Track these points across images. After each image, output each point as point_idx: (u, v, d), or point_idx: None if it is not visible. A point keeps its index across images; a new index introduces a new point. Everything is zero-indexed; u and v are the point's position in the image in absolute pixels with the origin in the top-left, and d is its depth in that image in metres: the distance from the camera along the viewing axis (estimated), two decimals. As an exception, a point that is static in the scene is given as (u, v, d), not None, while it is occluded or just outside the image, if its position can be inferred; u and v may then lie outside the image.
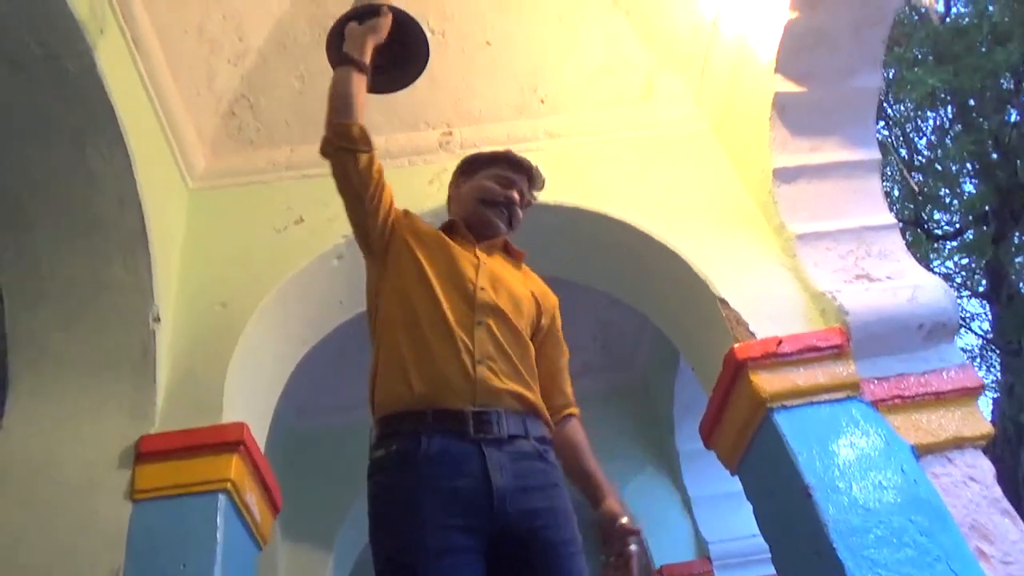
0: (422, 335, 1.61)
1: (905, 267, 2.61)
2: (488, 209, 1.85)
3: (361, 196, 1.74)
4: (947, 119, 8.35)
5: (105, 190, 2.35)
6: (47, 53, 2.10)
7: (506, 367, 1.61)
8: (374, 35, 1.89)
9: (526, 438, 1.56)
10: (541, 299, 1.85)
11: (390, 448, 1.53)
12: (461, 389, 1.54)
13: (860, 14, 2.55)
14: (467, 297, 1.67)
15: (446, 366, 1.56)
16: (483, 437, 1.51)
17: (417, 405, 1.54)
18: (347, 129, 1.75)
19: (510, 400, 1.58)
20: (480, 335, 1.61)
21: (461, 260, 1.73)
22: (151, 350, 2.41)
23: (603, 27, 3.08)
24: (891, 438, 2.28)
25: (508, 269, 1.83)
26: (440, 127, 3.14)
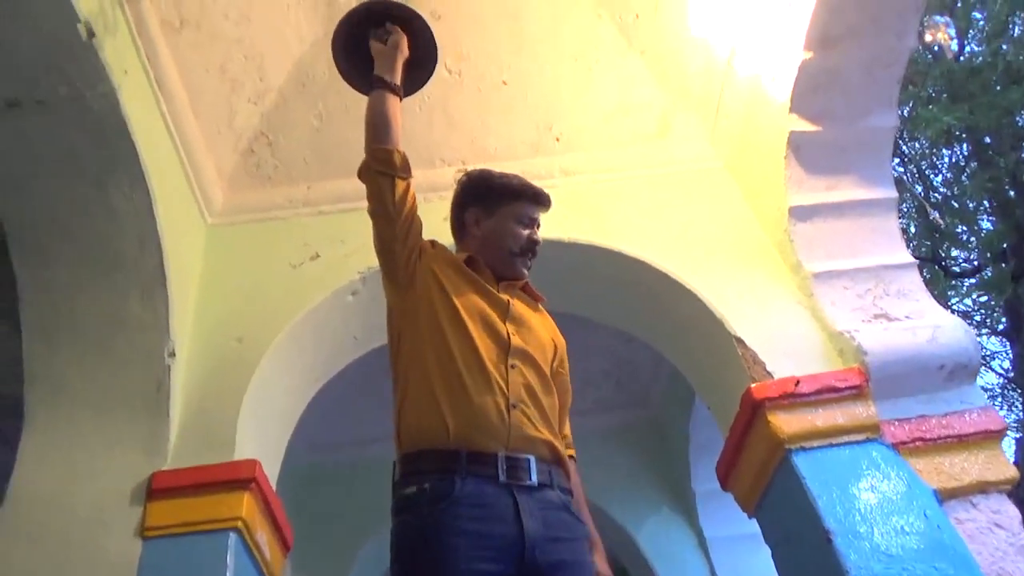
0: (457, 373, 1.59)
1: (924, 307, 2.58)
2: (517, 259, 1.84)
3: (393, 222, 1.74)
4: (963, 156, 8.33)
5: (125, 227, 2.37)
6: (73, 93, 2.15)
7: (537, 413, 1.61)
8: (401, 54, 1.91)
9: (552, 488, 1.55)
10: (556, 342, 1.85)
11: (421, 486, 1.50)
12: (496, 432, 1.53)
13: (874, 55, 2.56)
14: (499, 339, 1.66)
15: (482, 407, 1.54)
16: (514, 483, 1.49)
17: (451, 444, 1.52)
18: (388, 155, 1.75)
19: (542, 448, 1.57)
20: (513, 378, 1.61)
21: (490, 301, 1.73)
22: (165, 386, 2.41)
23: (618, 67, 3.11)
24: (913, 482, 2.23)
25: (529, 312, 1.82)
26: (456, 164, 3.17)
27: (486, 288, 1.76)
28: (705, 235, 2.90)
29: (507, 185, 1.91)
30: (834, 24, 2.48)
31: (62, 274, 2.41)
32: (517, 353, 1.66)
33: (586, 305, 3.12)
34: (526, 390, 1.62)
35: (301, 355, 2.81)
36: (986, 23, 7.28)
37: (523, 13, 3.00)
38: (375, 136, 1.79)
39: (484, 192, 1.91)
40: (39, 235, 2.37)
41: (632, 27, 3.04)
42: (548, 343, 1.78)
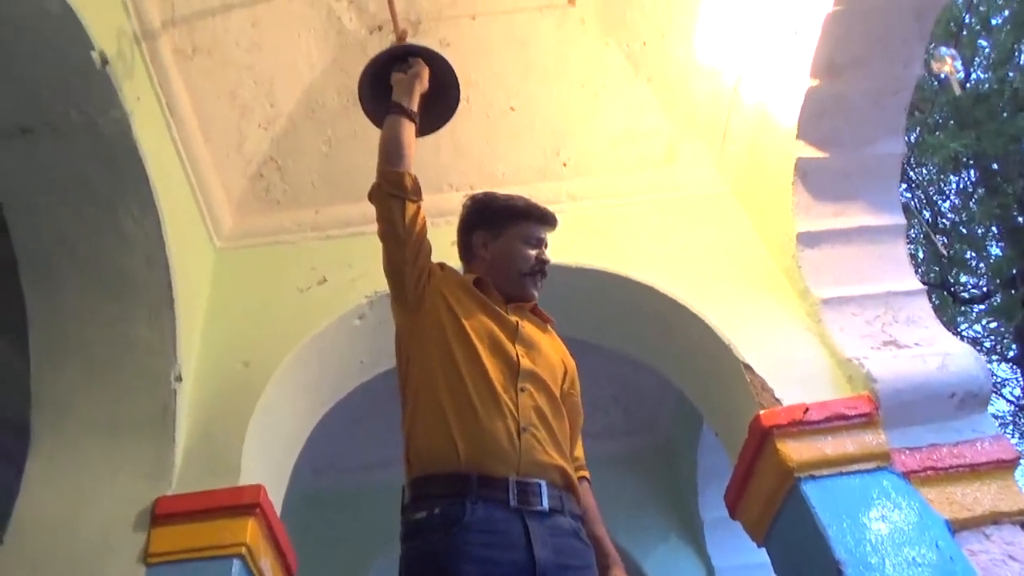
0: (467, 396, 1.58)
1: (934, 334, 2.56)
2: (527, 279, 1.84)
3: (403, 244, 1.74)
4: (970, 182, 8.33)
5: (134, 251, 2.39)
6: (85, 119, 2.18)
7: (548, 436, 1.59)
8: (420, 84, 1.94)
9: (563, 514, 1.53)
10: (566, 364, 1.84)
11: (432, 511, 1.49)
12: (506, 456, 1.52)
13: (880, 83, 2.57)
14: (509, 362, 1.65)
15: (493, 429, 1.53)
16: (525, 508, 1.48)
17: (462, 468, 1.50)
18: (400, 177, 1.76)
19: (553, 473, 1.56)
20: (524, 401, 1.60)
21: (499, 322, 1.72)
22: (171, 410, 2.41)
23: (625, 94, 3.13)
24: (925, 512, 2.20)
25: (539, 333, 1.81)
26: (464, 189, 3.18)
27: (495, 310, 1.75)
28: (713, 261, 2.90)
29: (513, 206, 1.92)
30: (840, 52, 2.49)
31: (71, 297, 2.42)
32: (527, 376, 1.65)
33: (593, 330, 3.11)
34: (536, 413, 1.61)
35: (307, 379, 2.80)
36: (992, 51, 7.32)
37: (531, 40, 3.04)
38: (387, 159, 1.80)
39: (490, 214, 1.92)
40: (49, 258, 2.39)
41: (639, 54, 3.07)
42: (558, 365, 1.78)
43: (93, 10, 2.06)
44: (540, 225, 1.90)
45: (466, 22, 2.98)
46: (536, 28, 3.01)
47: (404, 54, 2.05)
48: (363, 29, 2.95)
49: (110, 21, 2.23)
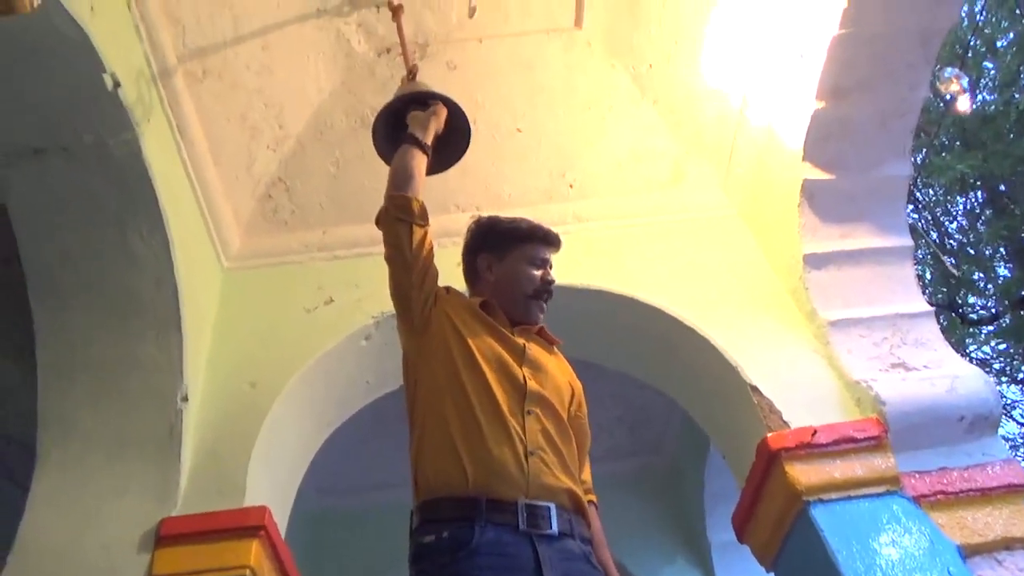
0: (474, 419, 1.58)
1: (942, 356, 2.55)
2: (532, 301, 1.85)
3: (410, 268, 1.75)
4: (978, 203, 8.32)
5: (143, 270, 2.40)
6: (97, 141, 2.20)
7: (556, 459, 1.59)
8: (436, 122, 1.99)
9: (572, 537, 1.52)
10: (573, 385, 1.84)
11: (440, 534, 1.48)
12: (515, 479, 1.51)
13: (887, 105, 2.58)
14: (516, 384, 1.65)
15: (500, 454, 1.53)
16: (535, 532, 1.47)
17: (470, 491, 1.50)
18: (407, 202, 1.78)
19: (562, 497, 1.55)
20: (531, 424, 1.60)
21: (506, 345, 1.72)
22: (177, 430, 2.40)
23: (631, 116, 3.15)
24: (936, 537, 2.17)
25: (546, 355, 1.81)
26: (470, 210, 3.19)
27: (501, 332, 1.76)
28: (719, 282, 2.89)
29: (516, 228, 1.93)
30: (846, 75, 2.50)
31: (79, 316, 2.43)
32: (534, 399, 1.65)
33: (599, 351, 3.10)
34: (544, 436, 1.60)
35: (313, 400, 2.80)
36: (997, 73, 7.34)
37: (537, 63, 3.06)
38: (395, 184, 1.82)
39: (494, 237, 1.93)
40: (57, 277, 2.40)
41: (645, 76, 3.09)
42: (565, 387, 1.77)
43: (106, 33, 2.08)
44: (544, 246, 1.91)
45: (473, 45, 3.01)
46: (543, 51, 3.04)
47: (423, 98, 2.12)
48: (371, 52, 2.98)
49: (123, 44, 2.26)
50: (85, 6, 1.97)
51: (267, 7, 2.74)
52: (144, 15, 2.40)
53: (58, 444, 2.40)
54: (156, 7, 2.46)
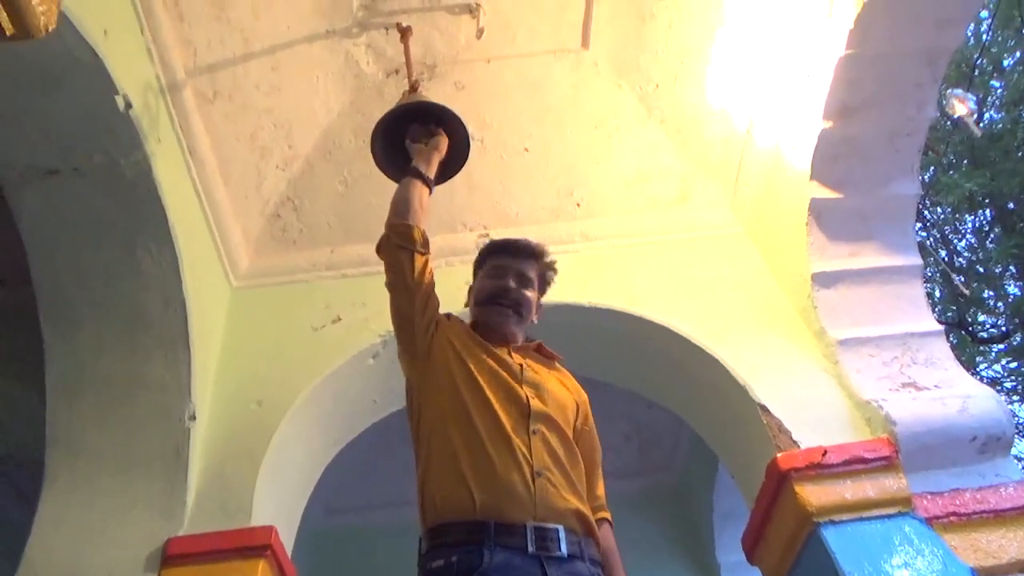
0: (480, 442, 1.58)
1: (953, 375, 2.53)
2: (484, 308, 1.87)
3: (413, 295, 1.76)
4: (986, 221, 8.29)
5: (152, 289, 2.41)
6: (108, 161, 2.22)
7: (563, 479, 1.58)
8: (439, 154, 2.01)
9: (582, 559, 1.51)
10: (578, 400, 1.83)
11: (449, 559, 1.47)
12: (523, 502, 1.50)
13: (894, 124, 2.58)
14: (519, 404, 1.65)
15: (507, 476, 1.52)
16: (544, 554, 1.45)
17: (478, 515, 1.49)
18: (408, 230, 1.80)
19: (571, 519, 1.54)
20: (536, 444, 1.59)
21: (503, 365, 1.72)
22: (184, 449, 2.41)
23: (638, 135, 3.16)
24: (949, 559, 2.14)
25: (545, 372, 1.81)
26: (478, 229, 3.21)
27: (497, 353, 1.76)
28: (727, 301, 2.89)
29: (487, 247, 1.99)
30: (852, 95, 2.51)
31: (87, 335, 2.44)
32: (539, 417, 1.64)
33: (607, 370, 3.10)
34: (550, 456, 1.59)
35: (320, 418, 2.80)
36: (1004, 91, 7.34)
37: (545, 83, 3.08)
38: (397, 212, 1.85)
39: (478, 260, 2.01)
40: (67, 296, 2.41)
41: (652, 96, 3.10)
42: (569, 403, 1.76)
43: (118, 55, 2.11)
44: (502, 255, 1.93)
45: (481, 65, 3.03)
46: (550, 71, 3.06)
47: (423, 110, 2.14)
48: (380, 73, 3.01)
49: (134, 66, 2.29)
50: (98, 29, 2.00)
51: (277, 28, 2.77)
52: (156, 37, 2.43)
53: (66, 463, 2.40)
54: (167, 29, 2.49)
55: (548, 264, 1.99)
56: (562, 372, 1.89)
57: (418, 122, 2.12)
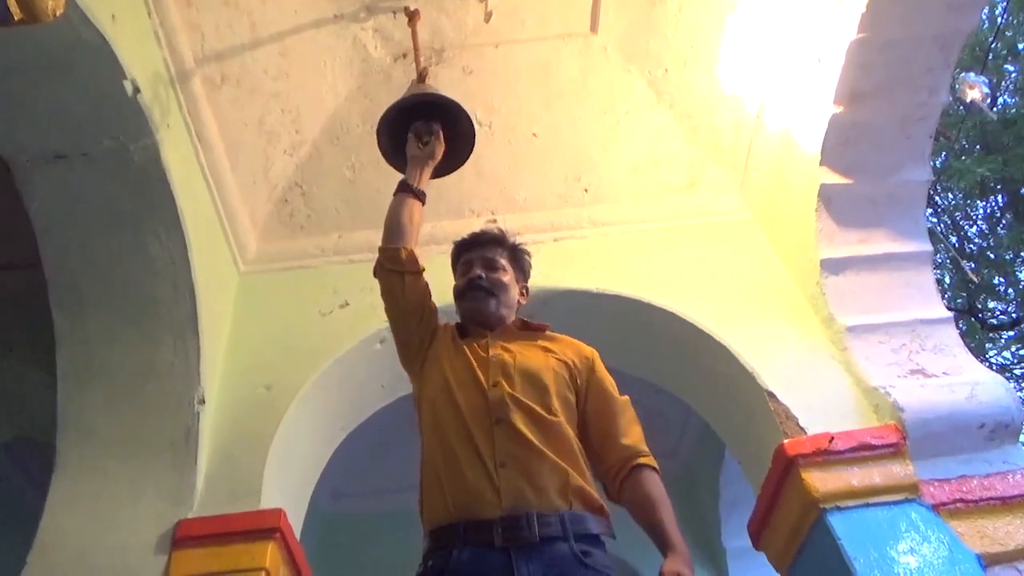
0: (449, 445, 1.61)
1: (962, 363, 2.52)
2: (462, 302, 1.92)
3: (407, 315, 1.84)
4: (998, 208, 8.22)
5: (160, 275, 2.42)
6: (116, 146, 2.23)
7: (534, 461, 1.55)
8: (433, 161, 2.05)
9: (564, 539, 1.47)
10: (574, 359, 1.81)
11: (427, 564, 1.52)
12: (487, 498, 1.50)
13: (905, 110, 2.56)
14: (483, 396, 1.66)
15: (472, 475, 1.54)
16: (513, 544, 1.44)
17: (452, 518, 1.52)
18: (396, 253, 1.86)
19: (544, 497, 1.50)
20: (499, 434, 1.58)
21: (473, 359, 1.74)
22: (194, 433, 2.42)
23: (647, 120, 3.14)
24: (955, 546, 2.14)
25: (524, 347, 1.80)
26: (485, 215, 3.20)
27: (471, 347, 1.78)
28: (735, 287, 2.88)
29: (453, 251, 2.05)
30: (863, 80, 2.49)
31: (97, 320, 2.46)
32: (500, 405, 1.62)
33: (614, 356, 3.06)
34: (516, 442, 1.56)
35: (328, 403, 2.81)
36: (1018, 76, 7.25)
37: (553, 68, 3.06)
38: (387, 236, 1.92)
39: (452, 265, 2.06)
40: (77, 282, 2.43)
41: (661, 81, 3.08)
42: (546, 369, 1.72)
43: (126, 40, 2.11)
44: (467, 251, 1.99)
45: (489, 50, 3.01)
46: (558, 56, 3.04)
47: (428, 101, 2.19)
48: (388, 57, 2.99)
49: (142, 51, 2.29)
50: (106, 14, 2.00)
51: (284, 13, 2.76)
52: (163, 22, 2.43)
53: (76, 447, 2.42)
54: (175, 14, 2.49)
55: (515, 246, 2.01)
56: (552, 339, 1.88)
57: (423, 116, 2.15)
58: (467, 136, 2.23)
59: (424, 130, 2.11)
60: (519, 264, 2.00)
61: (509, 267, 1.95)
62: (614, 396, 1.81)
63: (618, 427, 1.74)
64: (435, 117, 2.16)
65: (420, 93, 2.24)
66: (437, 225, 3.13)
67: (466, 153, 2.28)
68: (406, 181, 2.00)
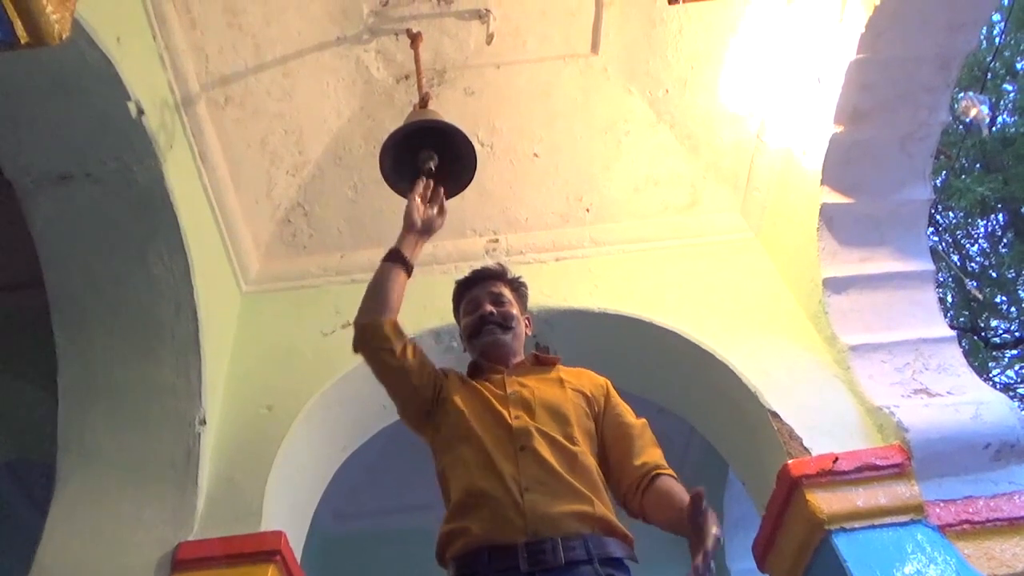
0: (472, 480, 1.60)
1: (966, 382, 2.51)
2: (477, 340, 1.92)
3: (406, 379, 1.80)
4: (999, 226, 8.23)
5: (163, 295, 2.42)
6: (120, 167, 2.24)
7: (559, 487, 1.57)
8: (427, 236, 1.98)
9: (589, 562, 1.48)
10: (590, 388, 1.84)
11: None
12: (514, 521, 1.51)
13: (906, 129, 2.57)
14: (506, 429, 1.67)
15: (495, 499, 1.54)
16: (538, 569, 1.45)
17: (478, 543, 1.52)
18: (378, 329, 1.81)
19: (569, 523, 1.52)
20: (523, 460, 1.59)
21: (492, 397, 1.75)
22: (195, 453, 2.41)
23: (648, 140, 3.15)
24: (962, 568, 2.12)
25: (541, 382, 1.82)
26: (487, 234, 3.21)
27: (488, 388, 1.79)
28: (737, 306, 2.87)
29: (454, 291, 2.05)
30: (864, 99, 2.50)
31: (99, 340, 2.46)
32: (524, 434, 1.65)
33: (616, 375, 3.02)
34: (541, 468, 1.59)
35: (330, 423, 2.80)
36: (1017, 95, 7.29)
37: (554, 88, 3.08)
38: (368, 309, 1.85)
39: (454, 312, 2.06)
40: (79, 302, 2.43)
41: (662, 101, 3.10)
42: (566, 401, 1.75)
43: (131, 63, 2.13)
44: (469, 290, 1.99)
45: (491, 71, 3.04)
46: (559, 76, 3.06)
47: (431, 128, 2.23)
48: (390, 78, 3.01)
49: (147, 73, 2.31)
50: (111, 36, 2.02)
51: (288, 35, 2.78)
52: (168, 44, 2.45)
53: (77, 467, 2.41)
54: (180, 37, 2.51)
55: (514, 280, 2.05)
56: (564, 372, 1.89)
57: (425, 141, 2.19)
58: (468, 162, 2.26)
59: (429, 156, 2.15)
60: (520, 296, 2.04)
61: (513, 300, 1.98)
62: (631, 421, 1.84)
63: (636, 449, 1.76)
64: (437, 143, 2.20)
65: (422, 120, 2.27)
66: (439, 245, 3.14)
67: (467, 178, 2.30)
68: (400, 251, 1.91)
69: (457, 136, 2.24)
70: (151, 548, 2.26)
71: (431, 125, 2.25)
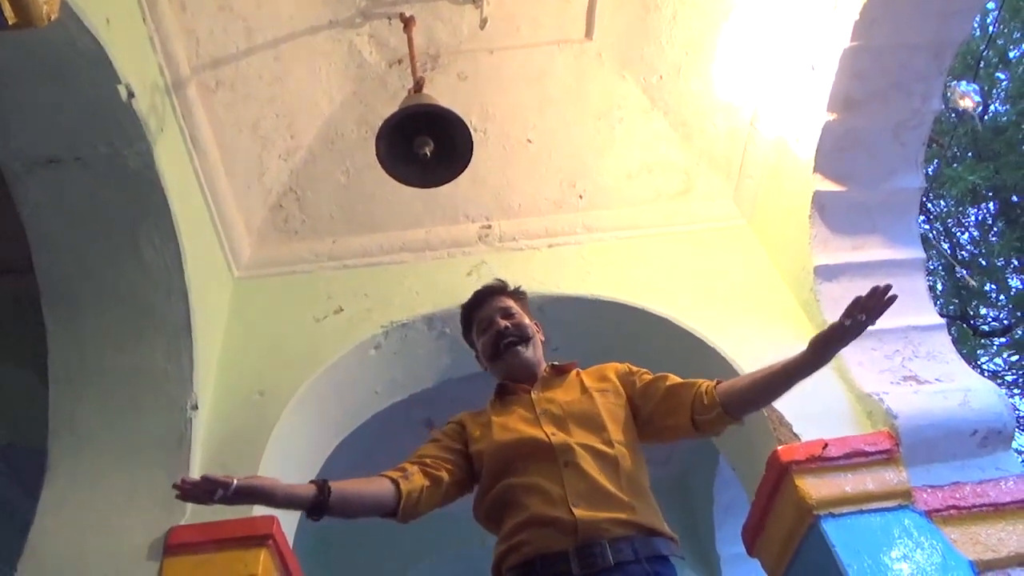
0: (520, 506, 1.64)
1: (955, 369, 2.53)
2: (500, 362, 1.92)
3: (457, 492, 1.81)
4: (989, 215, 8.28)
5: (154, 280, 2.41)
6: (110, 151, 2.22)
7: (603, 496, 1.62)
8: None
9: (638, 562, 1.55)
10: (611, 379, 1.89)
11: None
12: (565, 533, 1.56)
13: (898, 117, 2.57)
14: (546, 449, 1.69)
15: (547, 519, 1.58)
16: (588, 572, 1.51)
17: (529, 555, 1.57)
18: (409, 516, 1.74)
19: (616, 528, 1.57)
20: (569, 477, 1.64)
21: (524, 422, 1.77)
22: (187, 438, 2.41)
23: (641, 127, 3.15)
24: (948, 552, 2.15)
25: (565, 393, 1.85)
26: (480, 220, 3.20)
27: (517, 413, 1.80)
28: (729, 293, 2.89)
29: (462, 316, 2.05)
30: (857, 87, 2.50)
31: (91, 325, 2.44)
32: (564, 450, 1.68)
33: (608, 361, 3.09)
34: (585, 480, 1.64)
35: (322, 409, 2.80)
36: (1010, 83, 7.31)
37: (548, 74, 3.07)
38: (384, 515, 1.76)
39: (464, 331, 2.06)
40: (71, 287, 2.41)
41: (656, 88, 3.09)
42: (593, 411, 1.79)
43: (121, 46, 2.11)
44: (477, 310, 1.99)
45: (484, 56, 3.02)
46: (553, 62, 3.05)
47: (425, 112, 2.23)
48: (383, 63, 3.00)
49: (137, 56, 2.29)
50: (101, 18, 2.00)
51: (279, 19, 2.76)
52: (159, 27, 2.43)
53: (68, 452, 2.40)
54: (170, 19, 2.49)
55: (515, 290, 2.06)
56: (582, 375, 1.93)
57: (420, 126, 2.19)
58: (464, 146, 2.26)
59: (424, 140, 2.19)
60: (525, 304, 2.05)
61: (520, 310, 2.00)
62: (659, 384, 1.89)
63: (679, 398, 1.83)
64: (433, 128, 2.20)
65: (420, 104, 2.27)
66: (431, 230, 3.13)
67: (463, 163, 2.30)
68: (317, 486, 1.66)
69: (454, 121, 2.23)
70: (143, 532, 2.26)
71: (428, 110, 2.24)
